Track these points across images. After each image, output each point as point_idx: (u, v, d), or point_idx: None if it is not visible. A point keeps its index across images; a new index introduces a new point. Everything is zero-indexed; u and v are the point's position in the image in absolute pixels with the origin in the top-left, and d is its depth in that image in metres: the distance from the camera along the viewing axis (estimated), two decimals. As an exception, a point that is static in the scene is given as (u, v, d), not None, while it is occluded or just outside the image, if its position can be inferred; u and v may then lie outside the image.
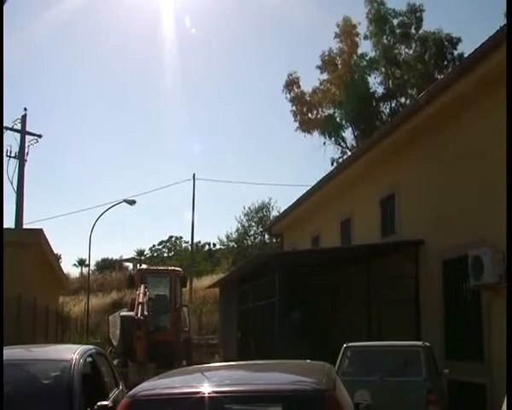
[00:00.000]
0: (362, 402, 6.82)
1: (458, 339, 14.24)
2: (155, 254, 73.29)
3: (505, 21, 16.90)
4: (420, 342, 11.79)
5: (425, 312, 15.67)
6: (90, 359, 7.55)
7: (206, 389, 4.63)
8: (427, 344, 11.52)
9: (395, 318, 16.13)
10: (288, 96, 38.70)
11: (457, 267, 14.12)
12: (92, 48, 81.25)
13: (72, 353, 7.16)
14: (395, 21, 36.79)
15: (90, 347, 8.26)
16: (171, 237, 73.58)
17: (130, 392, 4.79)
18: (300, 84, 38.91)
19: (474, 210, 13.60)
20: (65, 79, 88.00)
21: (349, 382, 7.61)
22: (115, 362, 14.09)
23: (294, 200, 26.43)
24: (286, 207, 28.90)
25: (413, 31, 36.69)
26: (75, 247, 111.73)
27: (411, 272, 16.05)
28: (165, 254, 71.24)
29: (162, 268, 25.81)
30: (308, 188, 24.72)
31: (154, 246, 74.76)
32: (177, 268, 24.18)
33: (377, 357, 11.43)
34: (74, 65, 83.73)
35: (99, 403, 6.44)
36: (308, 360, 6.28)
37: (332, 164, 37.47)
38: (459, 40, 35.37)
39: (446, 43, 35.61)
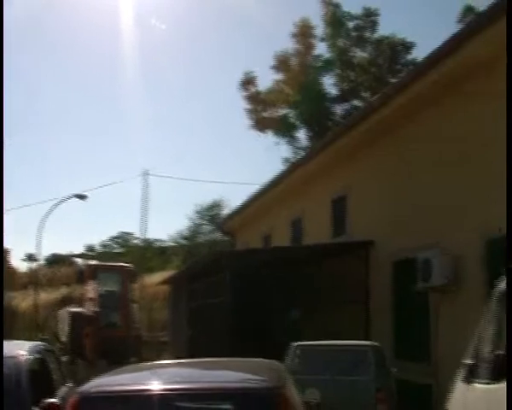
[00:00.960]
0: (312, 401, 6.88)
1: (407, 340, 14.41)
2: (106, 249, 72.57)
3: (459, 27, 17.23)
4: (369, 342, 11.93)
5: (375, 312, 15.82)
6: (38, 355, 7.47)
7: (157, 386, 4.62)
8: (377, 344, 11.66)
9: (345, 318, 16.29)
10: (244, 94, 38.73)
11: (407, 269, 14.28)
12: (49, 40, 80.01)
13: (20, 349, 7.07)
14: (351, 24, 37.08)
15: (39, 343, 8.18)
16: (121, 232, 72.99)
17: (80, 389, 4.76)
18: (256, 82, 38.96)
19: (424, 213, 13.78)
20: (16, 71, 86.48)
21: (299, 380, 7.66)
22: (64, 359, 13.95)
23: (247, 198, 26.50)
24: (238, 206, 28.86)
25: (368, 34, 37.03)
26: (24, 241, 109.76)
27: (362, 273, 16.20)
28: (116, 250, 70.60)
29: (112, 264, 25.52)
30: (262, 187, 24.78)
31: (104, 242, 74.07)
32: (127, 264, 24.02)
33: (327, 356, 11.52)
34: (25, 55, 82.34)
35: (47, 400, 6.38)
36: (258, 359, 6.30)
37: (285, 164, 37.59)
38: (413, 45, 35.85)
39: (400, 48, 36.04)
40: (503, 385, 6.21)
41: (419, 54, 33.91)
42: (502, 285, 6.85)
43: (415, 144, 14.43)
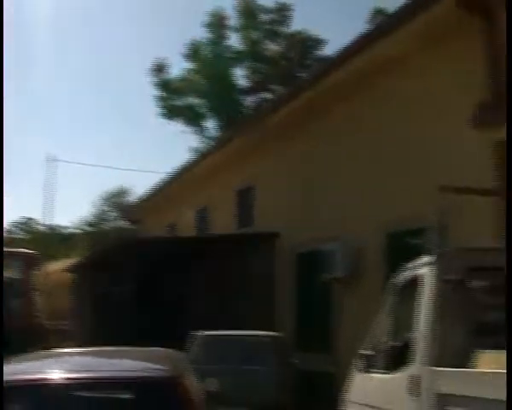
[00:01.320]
0: (211, 390, 6.91)
1: (310, 330, 14.62)
2: (8, 235, 70.67)
3: (368, 27, 17.59)
4: (271, 333, 12.05)
5: (279, 303, 15.98)
6: None
7: (55, 375, 4.55)
8: (278, 334, 11.80)
9: (250, 309, 16.38)
10: (154, 81, 38.39)
11: (312, 261, 14.50)
12: None
13: None
14: (264, 17, 37.28)
15: None
16: (25, 218, 71.30)
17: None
18: (167, 70, 38.67)
19: (329, 206, 14.00)
20: None
21: (200, 370, 7.68)
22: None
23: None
24: (144, 193, 28.53)
25: (280, 28, 37.31)
26: None
27: (267, 264, 16.31)
28: (18, 236, 68.87)
29: (14, 250, 24.78)
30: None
31: (6, 227, 72.13)
32: (29, 250, 23.47)
33: (229, 346, 11.58)
34: None
35: None
36: (158, 348, 6.28)
37: (192, 153, 37.45)
38: (324, 41, 36.37)
39: (311, 43, 36.53)
40: (398, 375, 6.41)
41: (330, 50, 34.41)
42: (399, 278, 7.06)
43: (322, 138, 14.64)
